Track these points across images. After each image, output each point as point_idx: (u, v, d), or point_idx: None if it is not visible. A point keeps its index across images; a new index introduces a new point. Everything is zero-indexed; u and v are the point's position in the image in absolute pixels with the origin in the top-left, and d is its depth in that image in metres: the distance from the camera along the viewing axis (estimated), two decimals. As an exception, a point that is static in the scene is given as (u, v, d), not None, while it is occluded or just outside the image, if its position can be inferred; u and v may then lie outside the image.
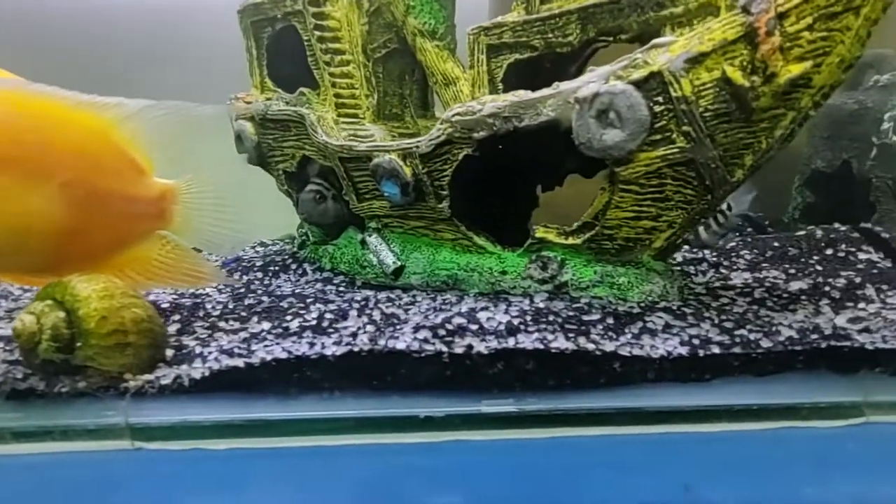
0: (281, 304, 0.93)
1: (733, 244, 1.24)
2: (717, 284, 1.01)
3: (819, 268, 1.05)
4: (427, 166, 0.98)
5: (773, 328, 0.77)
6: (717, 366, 0.71)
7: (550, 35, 0.89)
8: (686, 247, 1.20)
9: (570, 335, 0.74)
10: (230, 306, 0.95)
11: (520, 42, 0.92)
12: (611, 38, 0.85)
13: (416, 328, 0.75)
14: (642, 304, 0.84)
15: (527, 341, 0.72)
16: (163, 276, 0.88)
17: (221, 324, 0.87)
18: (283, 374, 0.71)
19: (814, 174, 1.42)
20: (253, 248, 1.45)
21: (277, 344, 0.74)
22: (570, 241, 0.90)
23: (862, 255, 1.07)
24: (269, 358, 0.70)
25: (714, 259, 1.17)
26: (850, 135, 1.35)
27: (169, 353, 0.74)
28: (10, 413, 0.68)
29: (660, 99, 0.74)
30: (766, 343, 0.73)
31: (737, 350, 0.72)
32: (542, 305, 0.84)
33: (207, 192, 0.90)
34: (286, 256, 1.36)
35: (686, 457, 0.66)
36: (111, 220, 0.81)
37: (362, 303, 0.92)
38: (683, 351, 0.71)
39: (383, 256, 1.11)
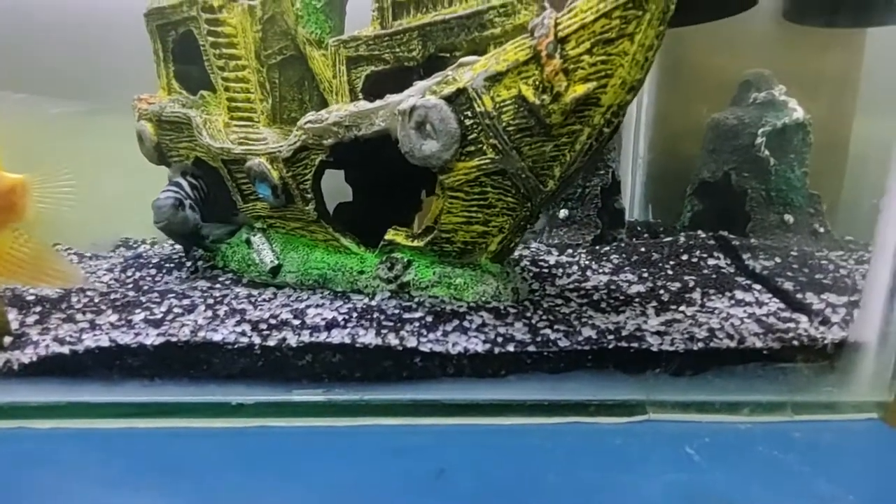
0: (141, 298, 0.98)
1: (608, 248, 1.30)
2: (571, 287, 1.07)
3: (669, 272, 1.11)
4: (290, 170, 1.03)
5: (580, 329, 0.81)
6: (512, 363, 0.77)
7: (398, 50, 0.94)
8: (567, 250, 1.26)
9: (383, 332, 0.79)
10: (95, 300, 1.00)
11: (373, 55, 0.97)
12: (448, 55, 0.90)
13: (240, 322, 0.81)
14: (472, 304, 0.90)
15: (337, 336, 0.77)
16: (14, 271, 0.89)
17: (79, 316, 0.92)
18: (106, 361, 0.76)
19: (701, 184, 1.48)
20: (150, 246, 1.50)
21: (107, 334, 0.79)
22: (415, 243, 0.95)
23: (711, 261, 1.13)
24: (93, 346, 0.75)
25: (585, 262, 1.22)
26: (731, 148, 1.40)
27: (7, 340, 0.80)
28: None
29: (468, 113, 0.80)
30: (562, 342, 0.79)
31: (531, 348, 0.77)
32: (374, 303, 0.89)
33: (64, 187, 0.91)
34: (183, 254, 1.41)
35: (463, 446, 0.69)
36: None
37: (218, 299, 0.97)
38: (480, 348, 0.77)
39: (263, 255, 1.16)
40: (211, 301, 0.95)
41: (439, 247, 0.93)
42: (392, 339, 0.77)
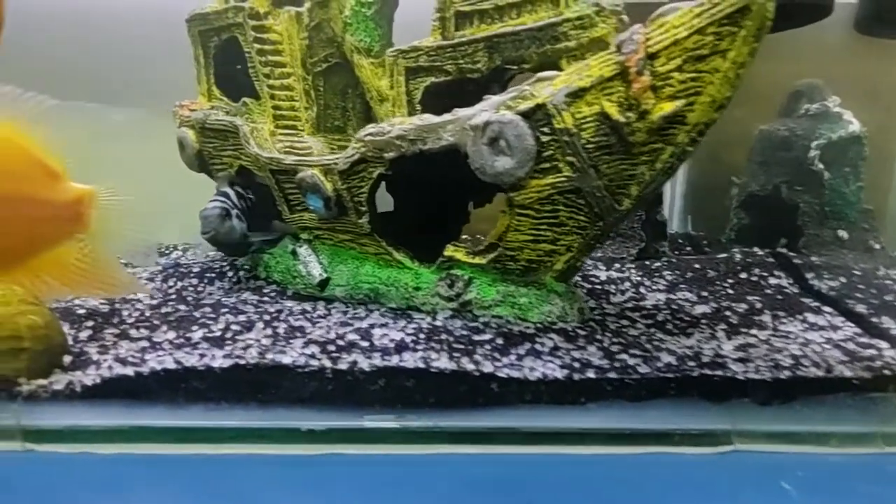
0: (195, 314, 0.96)
1: (658, 264, 1.27)
2: (630, 305, 1.04)
3: (730, 291, 1.08)
4: (346, 182, 1.01)
5: (655, 354, 0.79)
6: (592, 390, 0.74)
7: (461, 61, 0.92)
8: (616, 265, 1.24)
9: (455, 355, 0.76)
10: (146, 314, 0.98)
11: (434, 66, 0.95)
12: (516, 67, 0.88)
13: (308, 343, 0.78)
14: (539, 325, 0.87)
15: (410, 360, 0.75)
16: (78, 282, 0.89)
17: (132, 332, 0.90)
18: (172, 384, 0.74)
19: (749, 197, 1.45)
20: (184, 253, 1.48)
21: (171, 355, 0.77)
22: (476, 260, 0.93)
23: (773, 280, 1.10)
24: (158, 368, 0.73)
25: (637, 278, 1.20)
26: (782, 160, 1.37)
27: (67, 359, 0.77)
28: None
29: (545, 130, 0.77)
30: (642, 369, 0.76)
31: (612, 375, 0.75)
32: (439, 323, 0.86)
33: (127, 198, 0.89)
34: (225, 263, 1.39)
35: (544, 477, 0.67)
36: (20, 224, 0.80)
37: (274, 315, 0.95)
38: (560, 374, 0.74)
39: (310, 268, 1.14)
40: (267, 317, 0.93)
41: (502, 265, 0.90)
42: (467, 364, 0.74)
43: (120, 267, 0.96)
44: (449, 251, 0.94)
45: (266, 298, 1.11)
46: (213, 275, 1.30)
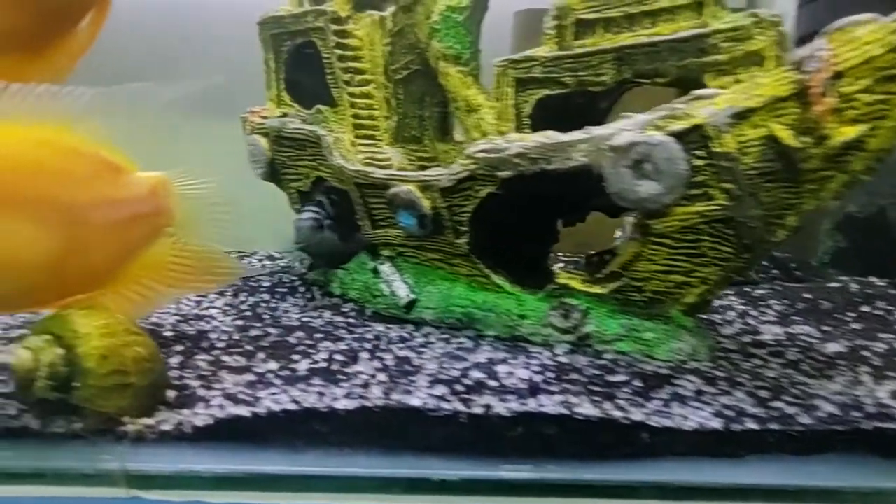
0: (288, 338, 0.89)
1: (761, 291, 1.20)
2: (747, 339, 0.97)
3: (856, 327, 1.00)
4: (447, 200, 0.94)
5: (812, 401, 0.71)
6: (753, 442, 0.67)
7: (583, 73, 0.85)
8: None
9: (596, 399, 0.70)
10: (235, 337, 0.92)
11: (550, 78, 0.88)
12: (647, 81, 0.81)
13: (433, 381, 0.72)
14: (670, 364, 0.79)
15: (549, 404, 0.68)
16: (184, 280, 0.80)
17: (225, 358, 0.83)
18: (291, 426, 0.68)
19: (846, 218, 1.37)
20: (261, 261, 1.43)
21: (285, 391, 0.70)
22: (595, 289, 0.86)
23: (901, 315, 1.03)
24: (276, 408, 0.66)
25: (741, 307, 1.13)
26: (889, 182, 1.30)
27: (170, 394, 0.70)
28: (2, 451, 0.66)
29: (700, 153, 0.70)
30: (805, 419, 0.69)
31: (774, 426, 0.68)
32: (564, 360, 0.79)
33: (205, 180, 0.80)
34: (294, 277, 1.34)
35: None
36: (101, 230, 0.72)
37: (374, 342, 0.88)
38: (717, 424, 0.67)
39: (396, 287, 1.08)
40: (368, 346, 0.86)
41: (625, 295, 0.83)
42: (613, 411, 0.67)
43: (220, 252, 0.88)
44: (563, 278, 0.87)
45: (351, 319, 1.04)
46: (285, 290, 1.24)
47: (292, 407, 0.67)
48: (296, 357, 0.82)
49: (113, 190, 0.72)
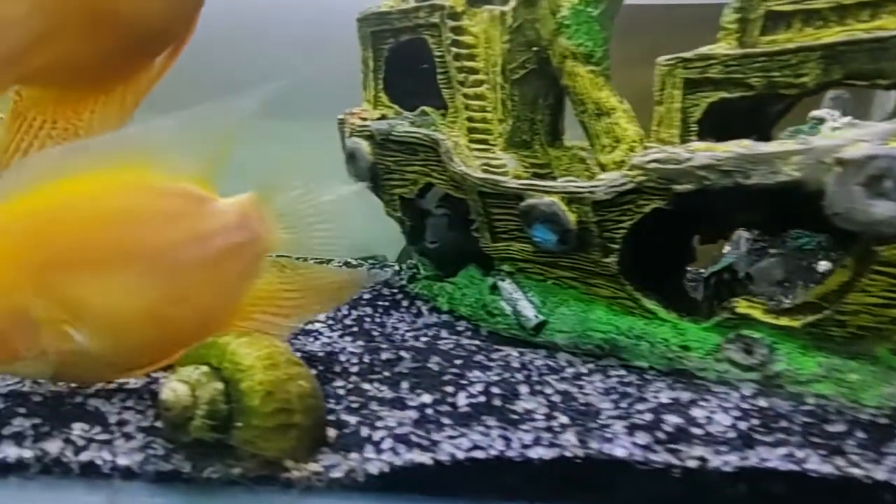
0: (428, 364, 0.81)
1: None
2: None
3: None
4: (599, 215, 0.85)
5: None
6: None
7: (777, 73, 0.74)
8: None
9: (822, 453, 0.61)
10: (366, 360, 0.84)
11: (731, 79, 0.78)
12: (862, 83, 0.72)
13: (628, 427, 0.64)
14: (884, 412, 0.68)
15: (772, 458, 0.60)
16: (303, 305, 0.73)
17: (366, 386, 0.75)
18: (478, 476, 0.59)
19: None
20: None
21: (461, 433, 0.62)
22: (784, 321, 0.74)
23: None
24: (460, 455, 0.58)
25: None
26: None
27: (331, 433, 0.62)
28: (150, 498, 0.56)
29: (956, 170, 0.62)
30: None
31: None
32: (762, 403, 0.69)
33: (295, 193, 0.72)
34: (395, 289, 1.25)
35: None
36: (201, 268, 0.65)
37: (522, 371, 0.80)
38: (973, 488, 0.59)
39: (521, 307, 0.99)
40: (519, 376, 0.77)
41: (822, 330, 0.72)
42: (849, 468, 0.59)
43: (331, 268, 0.81)
44: (742, 307, 0.76)
45: (476, 341, 0.94)
46: (386, 303, 1.16)
47: (479, 454, 0.59)
48: (448, 388, 0.73)
49: (201, 224, 0.66)
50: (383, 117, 1.21)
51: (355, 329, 1.01)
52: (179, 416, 0.56)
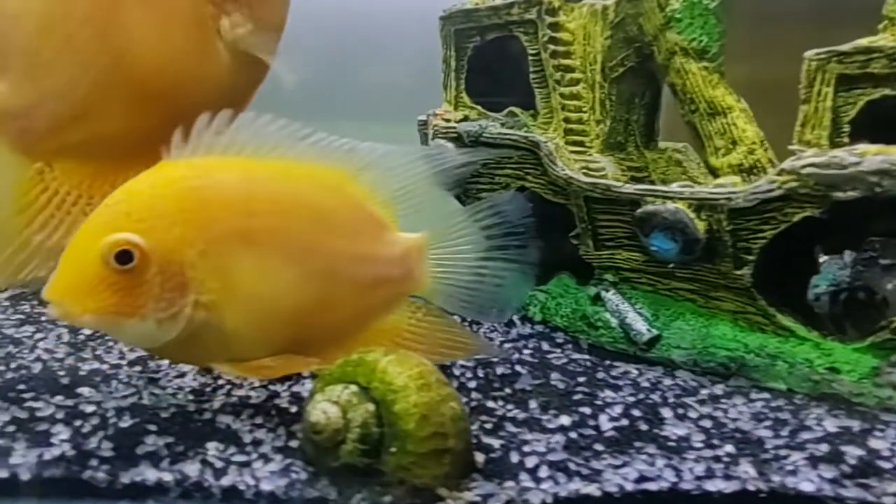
0: (551, 381, 0.76)
1: None
2: None
3: None
4: (735, 223, 0.79)
5: None
6: None
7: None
8: None
9: None
10: (481, 374, 0.79)
11: (898, 74, 0.73)
12: None
13: (810, 459, 0.58)
14: None
15: (981, 497, 0.55)
16: (417, 350, 0.69)
17: (492, 405, 0.70)
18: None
19: None
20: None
21: (625, 463, 0.57)
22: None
23: None
24: (629, 487, 0.53)
25: None
26: None
27: (479, 458, 0.58)
28: (295, 527, 0.55)
29: None
30: None
31: None
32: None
33: (462, 247, 0.72)
34: None
35: None
36: (354, 288, 0.65)
37: (658, 393, 0.73)
38: None
39: (630, 320, 0.94)
40: (655, 397, 0.71)
41: None
42: None
43: (463, 327, 0.78)
44: (904, 325, 0.73)
45: (585, 356, 0.88)
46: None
47: (650, 486, 0.55)
48: (583, 409, 0.68)
49: (373, 247, 0.65)
50: (466, 118, 1.18)
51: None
52: (330, 439, 0.52)
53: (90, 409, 0.64)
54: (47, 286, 0.55)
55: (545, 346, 0.95)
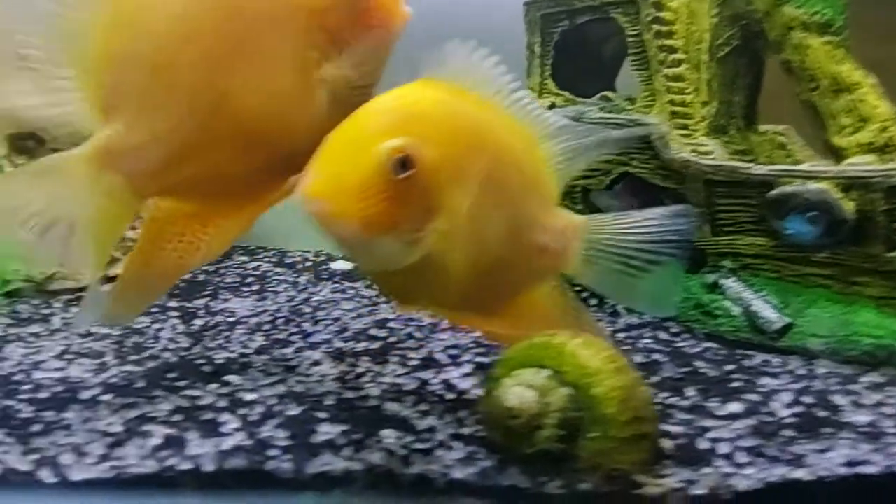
0: (699, 370, 0.72)
1: None
2: None
3: None
4: (892, 203, 0.75)
5: None
6: None
7: None
8: None
9: None
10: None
11: None
12: None
13: None
14: None
15: None
16: (537, 327, 0.65)
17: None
18: (847, 496, 0.53)
19: None
20: None
21: (828, 448, 0.53)
22: None
23: None
24: (843, 472, 0.51)
25: None
26: None
27: (666, 443, 0.56)
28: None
29: None
30: None
31: None
32: None
33: (616, 231, 0.69)
34: (576, 286, 1.18)
35: None
36: (528, 251, 0.63)
37: (819, 381, 0.69)
38: None
39: (757, 308, 0.90)
40: (818, 384, 0.68)
41: None
42: None
43: (587, 312, 0.74)
44: None
45: (712, 344, 0.83)
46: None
47: (866, 470, 0.52)
48: (748, 397, 0.65)
49: (544, 215, 0.63)
50: (553, 105, 1.16)
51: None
52: (526, 424, 0.50)
53: (249, 396, 0.63)
54: (307, 185, 0.50)
55: (662, 335, 0.92)
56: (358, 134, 0.52)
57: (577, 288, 0.82)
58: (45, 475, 0.51)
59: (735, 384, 0.69)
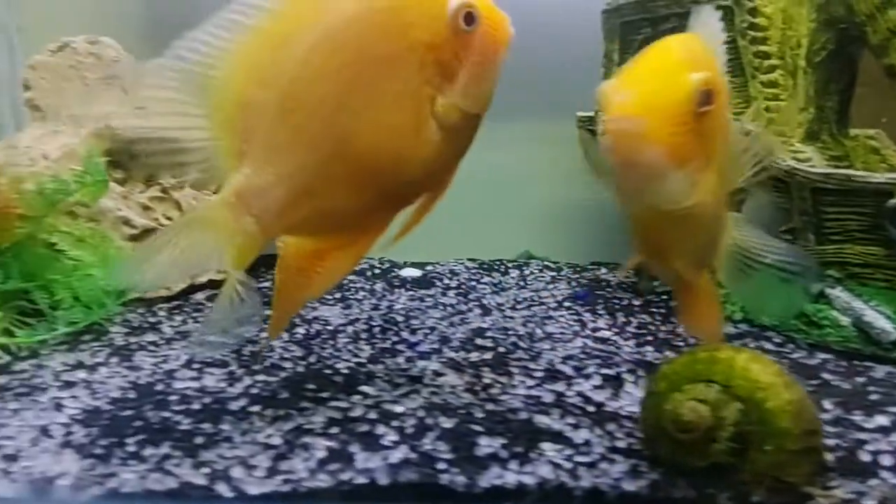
0: (831, 383, 0.72)
1: None
2: None
3: None
4: None
5: None
6: None
7: None
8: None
9: None
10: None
11: None
12: None
13: None
14: None
15: None
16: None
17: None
18: None
19: None
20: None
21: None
22: None
23: None
24: None
25: None
26: None
27: (826, 456, 0.57)
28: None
29: None
30: None
31: None
32: None
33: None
34: (664, 294, 1.16)
35: None
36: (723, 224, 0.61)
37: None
38: None
39: (869, 318, 0.88)
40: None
41: None
42: None
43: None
44: None
45: (828, 356, 0.82)
46: (662, 309, 1.08)
47: None
48: (887, 409, 0.64)
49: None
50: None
51: (650, 338, 0.94)
52: (700, 438, 0.51)
53: (398, 409, 0.64)
54: (618, 103, 0.49)
55: (767, 346, 0.92)
56: (665, 63, 0.51)
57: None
58: (223, 489, 0.53)
59: (873, 397, 0.68)
